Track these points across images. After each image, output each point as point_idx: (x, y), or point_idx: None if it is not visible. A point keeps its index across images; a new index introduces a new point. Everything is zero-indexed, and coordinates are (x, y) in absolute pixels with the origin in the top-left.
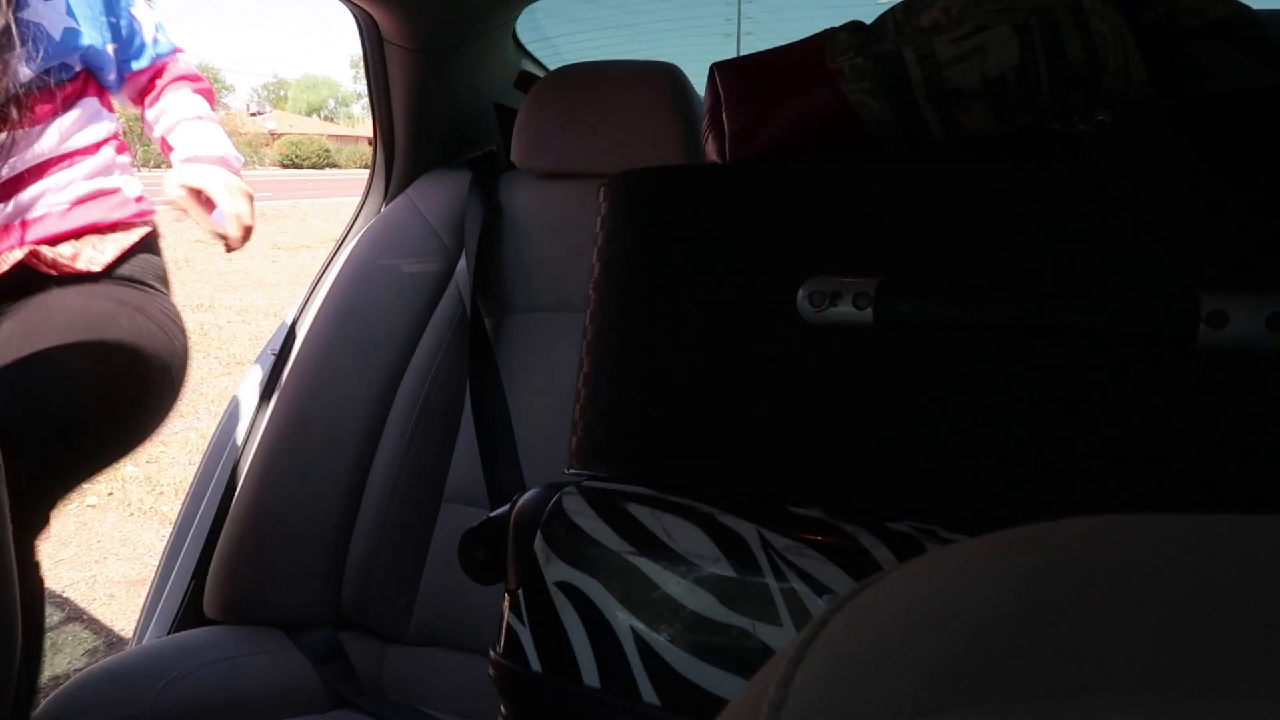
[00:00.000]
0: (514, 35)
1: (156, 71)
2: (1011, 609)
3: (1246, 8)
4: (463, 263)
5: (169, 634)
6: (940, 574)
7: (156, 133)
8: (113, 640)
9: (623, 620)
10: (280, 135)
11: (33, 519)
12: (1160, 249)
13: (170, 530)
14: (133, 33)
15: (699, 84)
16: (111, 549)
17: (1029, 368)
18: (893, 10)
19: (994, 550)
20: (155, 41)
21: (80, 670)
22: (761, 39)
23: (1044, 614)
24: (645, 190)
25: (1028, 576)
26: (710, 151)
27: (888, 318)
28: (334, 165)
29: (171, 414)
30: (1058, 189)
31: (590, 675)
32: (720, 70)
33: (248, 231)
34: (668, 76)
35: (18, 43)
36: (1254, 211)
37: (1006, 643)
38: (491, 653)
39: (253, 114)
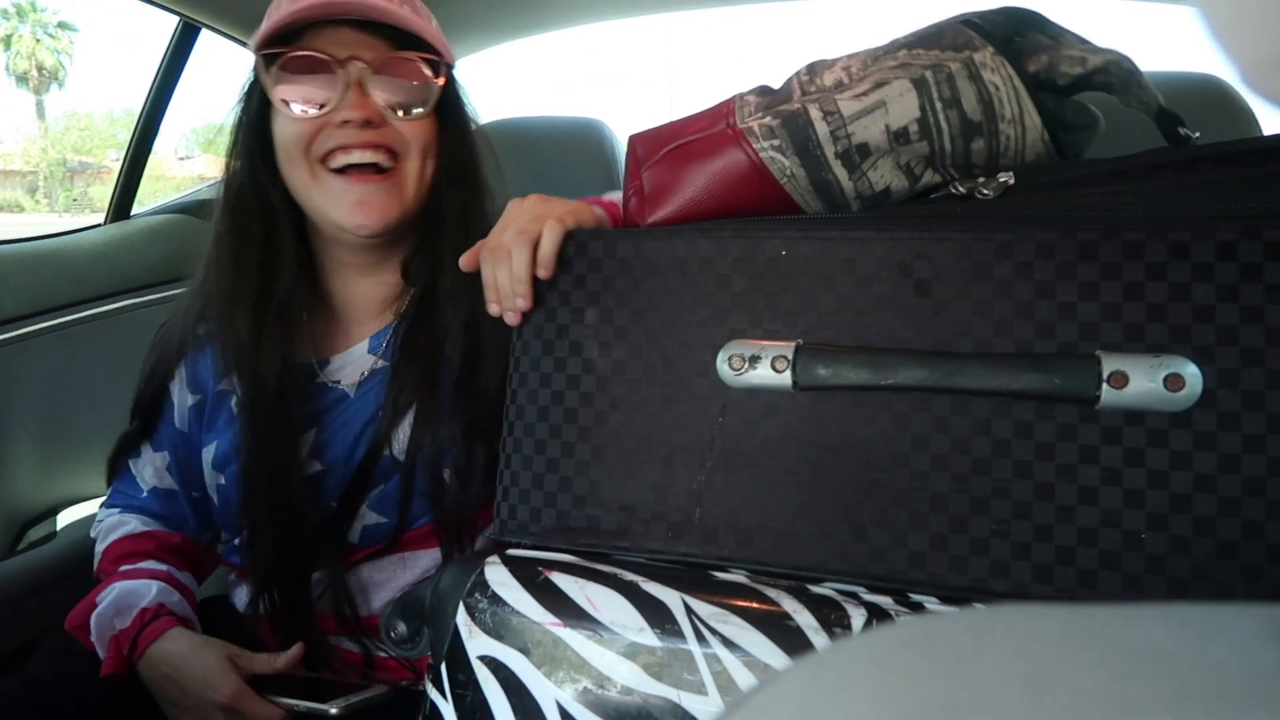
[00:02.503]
0: None
1: None
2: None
3: (1122, 56)
4: None
5: None
6: (826, 679)
7: None
8: None
9: (548, 693)
10: (209, 180)
11: None
12: (1061, 312)
13: None
14: None
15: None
16: None
17: (941, 429)
18: (797, 74)
19: (877, 652)
20: None
21: None
22: None
23: None
24: (566, 254)
25: (907, 682)
26: (630, 216)
27: (806, 380)
28: None
29: None
30: (962, 255)
31: None
32: (636, 139)
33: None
34: (593, 132)
35: None
36: (1146, 275)
37: None
38: None
39: (181, 158)
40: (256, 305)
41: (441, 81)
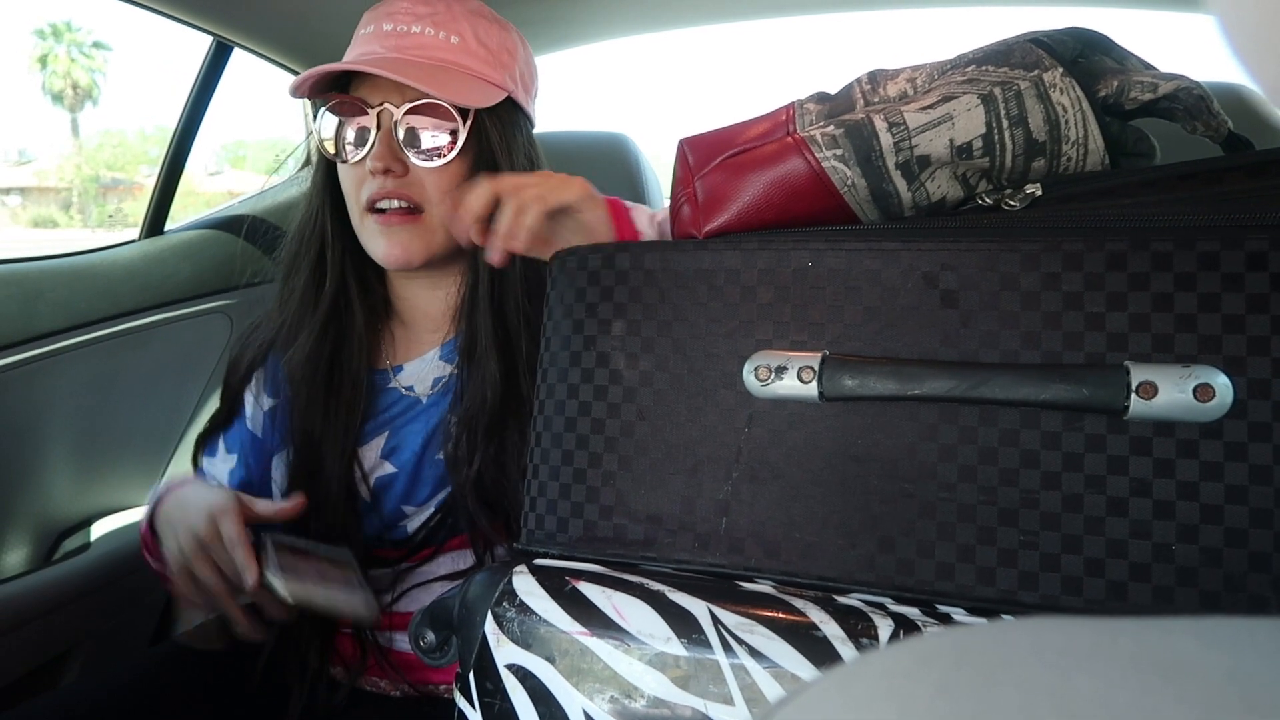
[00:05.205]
0: None
1: None
2: None
3: (1192, 81)
4: None
5: None
6: (854, 690)
7: None
8: None
9: (575, 702)
10: (239, 195)
11: None
12: (1089, 322)
13: None
14: None
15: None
16: None
17: (968, 439)
18: (858, 81)
19: (905, 664)
20: None
21: None
22: None
23: None
24: (593, 266)
25: (935, 694)
26: (682, 223)
27: (832, 391)
28: None
29: None
30: (989, 265)
31: None
32: (688, 144)
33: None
34: (618, 146)
35: None
36: (1175, 286)
37: None
38: None
39: (211, 174)
40: (323, 321)
41: (467, 126)
